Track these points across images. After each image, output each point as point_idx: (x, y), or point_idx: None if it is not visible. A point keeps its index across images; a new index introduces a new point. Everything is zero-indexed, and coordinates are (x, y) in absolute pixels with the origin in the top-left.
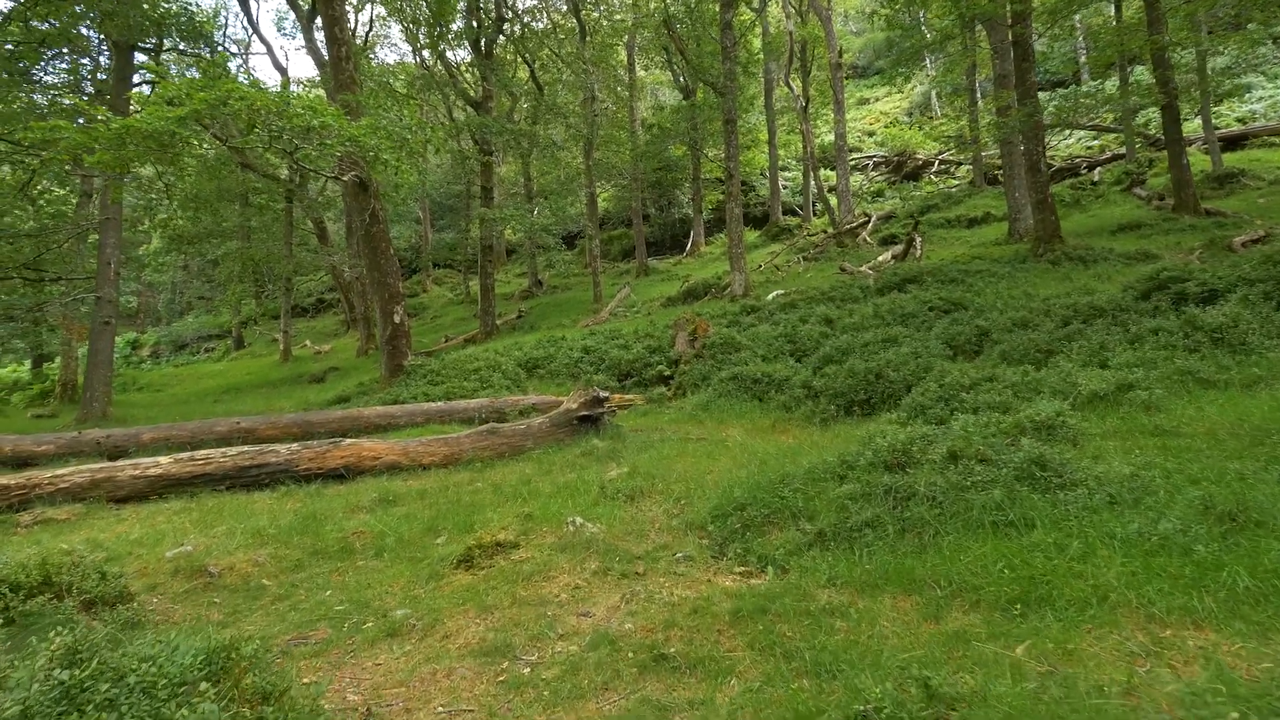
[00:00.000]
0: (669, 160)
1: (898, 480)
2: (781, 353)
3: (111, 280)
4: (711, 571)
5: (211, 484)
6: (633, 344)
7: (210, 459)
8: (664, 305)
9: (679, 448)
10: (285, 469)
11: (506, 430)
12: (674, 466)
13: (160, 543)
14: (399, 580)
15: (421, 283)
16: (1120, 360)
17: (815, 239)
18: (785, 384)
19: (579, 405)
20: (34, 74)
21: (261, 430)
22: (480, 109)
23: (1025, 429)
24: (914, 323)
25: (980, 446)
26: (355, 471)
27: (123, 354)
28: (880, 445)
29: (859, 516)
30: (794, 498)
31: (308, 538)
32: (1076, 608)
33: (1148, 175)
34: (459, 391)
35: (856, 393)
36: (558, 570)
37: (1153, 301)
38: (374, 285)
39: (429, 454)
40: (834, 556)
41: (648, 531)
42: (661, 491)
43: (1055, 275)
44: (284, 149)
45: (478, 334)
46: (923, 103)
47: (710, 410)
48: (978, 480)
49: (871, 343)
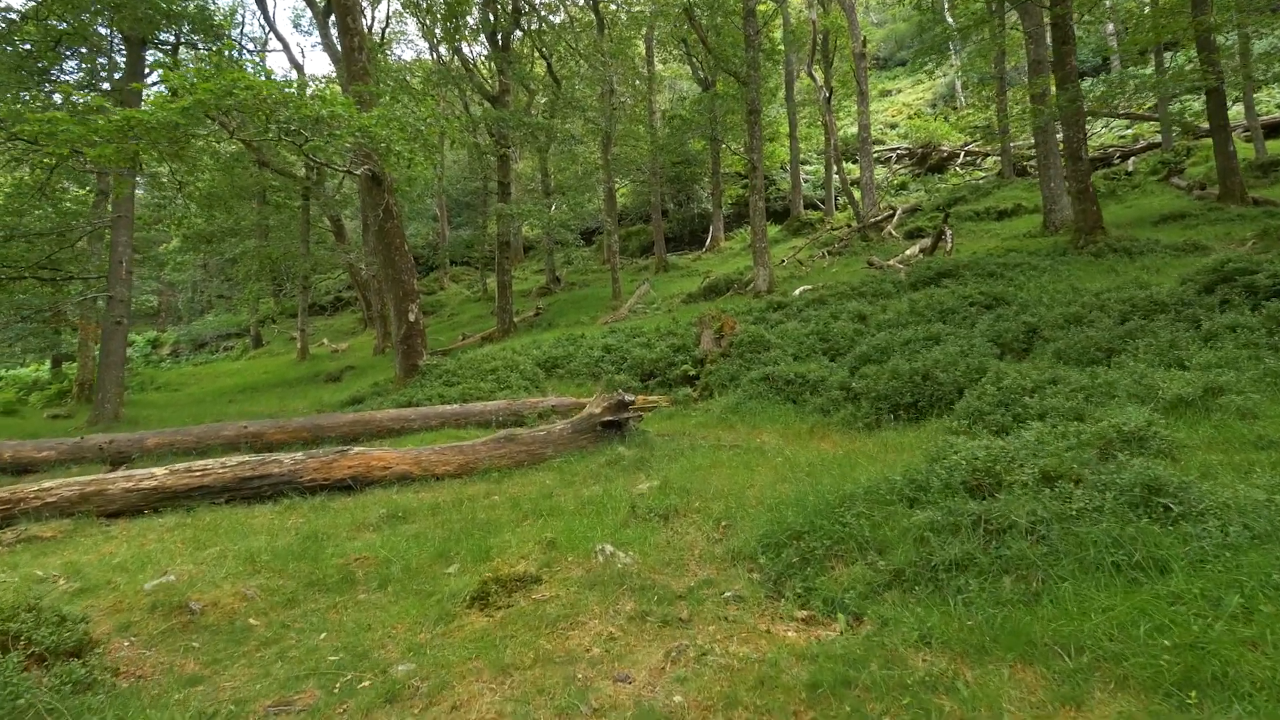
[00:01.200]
0: (688, 154)
1: (987, 508)
2: (814, 351)
3: (124, 279)
4: (769, 617)
5: (210, 497)
6: (655, 342)
7: (208, 470)
8: (685, 302)
9: (712, 456)
10: (289, 480)
11: (525, 437)
12: (709, 479)
13: (144, 569)
14: (404, 620)
15: (439, 280)
16: (1200, 360)
17: (839, 233)
18: (821, 385)
19: (603, 410)
20: (53, 73)
21: (270, 434)
22: (497, 103)
23: (1111, 441)
24: (954, 319)
25: (1074, 465)
26: (364, 482)
27: (143, 353)
28: (955, 462)
29: (945, 553)
30: (859, 525)
31: (305, 564)
32: (1270, 695)
33: (1185, 165)
34: (475, 393)
35: (902, 395)
36: (587, 613)
37: (1217, 295)
38: (388, 283)
39: (442, 463)
40: (919, 604)
41: (687, 561)
42: (699, 510)
43: (1099, 268)
44: (293, 141)
45: (495, 332)
46: (947, 94)
47: (741, 413)
48: (1082, 508)
49: (912, 341)
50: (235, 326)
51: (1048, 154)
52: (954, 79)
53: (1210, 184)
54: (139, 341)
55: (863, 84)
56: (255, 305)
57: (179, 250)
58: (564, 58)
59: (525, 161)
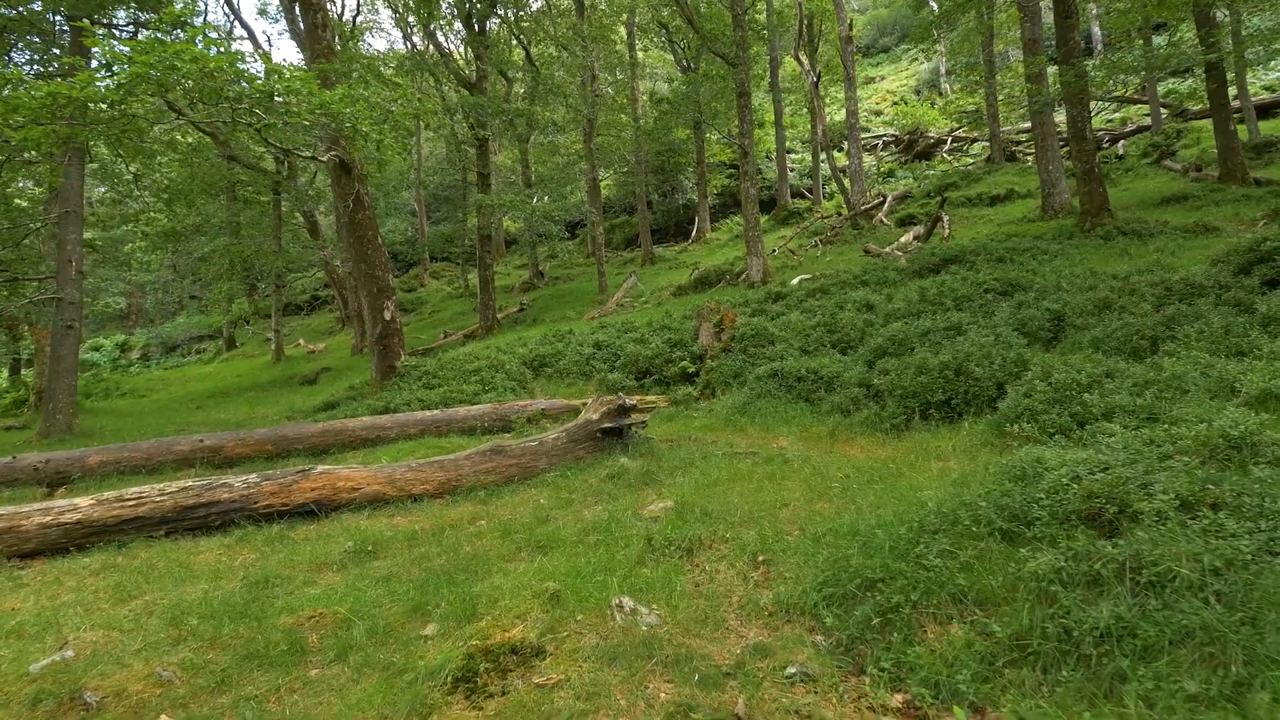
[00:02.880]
0: (673, 143)
1: (1132, 552)
2: (822, 344)
3: (74, 279)
4: (853, 706)
5: (147, 529)
6: (650, 337)
7: (144, 498)
8: (675, 294)
9: (728, 467)
10: (240, 507)
11: (515, 449)
12: (730, 496)
13: (43, 635)
14: (365, 714)
15: (419, 277)
16: (1271, 349)
17: (829, 222)
18: (837, 382)
19: (601, 415)
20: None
21: (229, 449)
22: (475, 90)
23: (1216, 448)
24: (970, 307)
25: (1209, 486)
26: (329, 507)
27: (110, 357)
28: (1058, 483)
29: (1087, 617)
30: (948, 570)
31: (245, 626)
32: None
33: (1177, 147)
34: (458, 396)
35: (932, 392)
36: (609, 707)
37: (1255, 276)
38: (361, 278)
39: (420, 481)
40: (1070, 695)
41: (726, 616)
42: (727, 539)
43: (1111, 251)
44: (249, 124)
45: (478, 329)
46: (931, 80)
47: (749, 414)
48: (1258, 549)
49: (932, 331)
50: (208, 328)
51: (1045, 136)
52: (938, 65)
53: (1206, 165)
54: (106, 345)
55: (850, 69)
56: (227, 305)
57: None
58: (543, 41)
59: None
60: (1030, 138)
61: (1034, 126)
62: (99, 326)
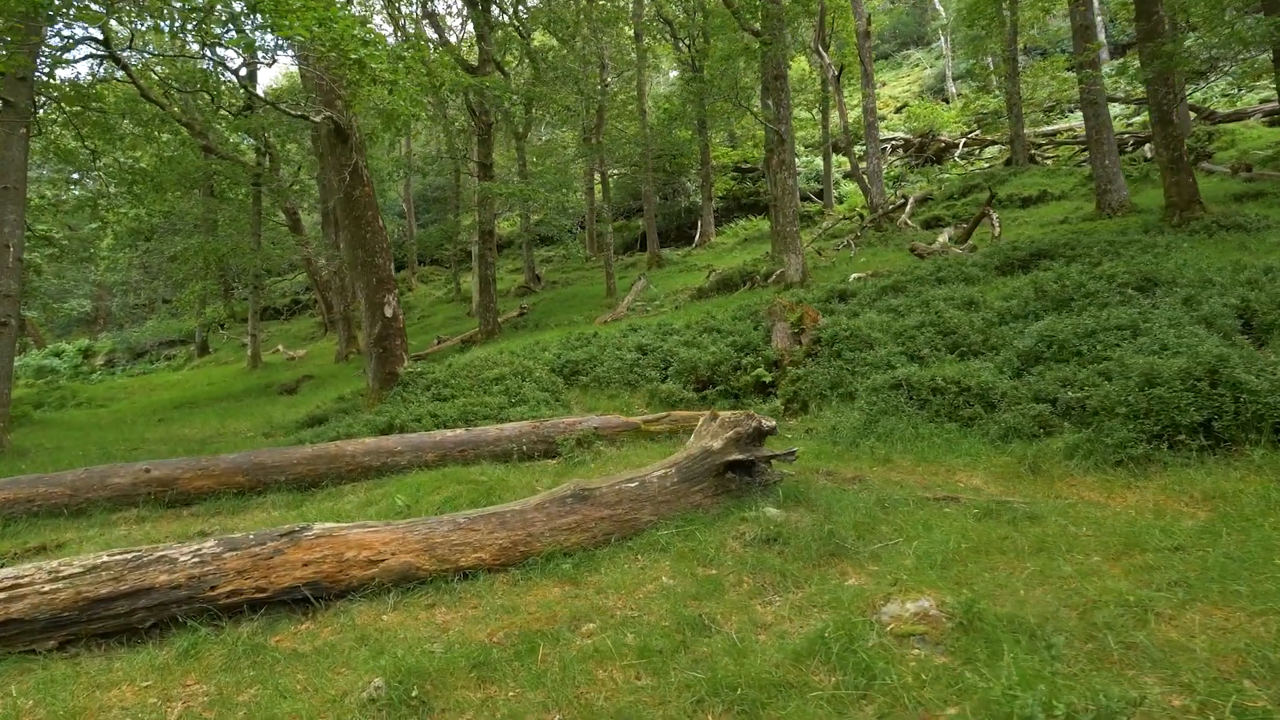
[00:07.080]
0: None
1: None
2: (934, 348)
3: (10, 268)
4: None
5: (30, 639)
6: (701, 339)
7: (21, 587)
8: (695, 297)
9: (947, 524)
10: (189, 596)
11: (606, 493)
12: (1012, 583)
13: None
14: None
15: (407, 280)
16: None
17: (850, 224)
18: (994, 396)
19: (725, 442)
20: None
21: (185, 481)
22: (477, 74)
23: None
24: (1111, 302)
25: None
26: (333, 591)
27: (72, 364)
28: None
29: None
30: None
31: None
32: None
33: (1211, 149)
34: (480, 410)
35: (1180, 411)
36: None
37: None
38: (357, 268)
39: (473, 547)
40: None
41: None
42: (1135, 706)
43: (1224, 245)
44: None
45: (477, 334)
46: (935, 85)
47: (878, 437)
48: None
49: (1098, 330)
50: (179, 333)
51: (1100, 129)
52: (944, 69)
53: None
54: (69, 351)
55: (867, 65)
56: (200, 308)
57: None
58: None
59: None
60: (1049, 140)
61: (1086, 120)
62: (64, 331)
